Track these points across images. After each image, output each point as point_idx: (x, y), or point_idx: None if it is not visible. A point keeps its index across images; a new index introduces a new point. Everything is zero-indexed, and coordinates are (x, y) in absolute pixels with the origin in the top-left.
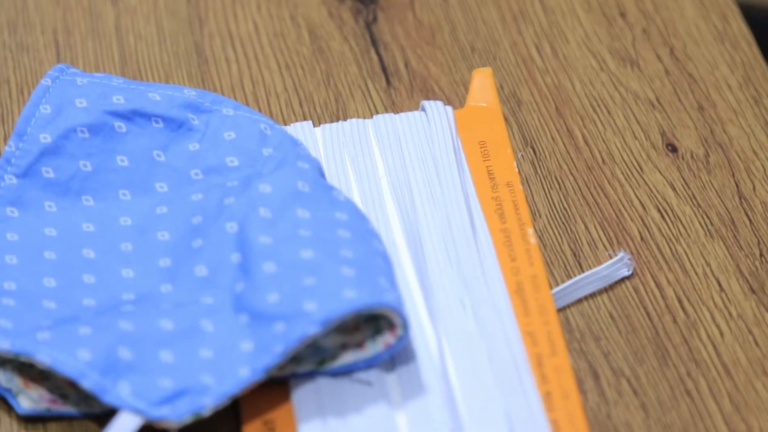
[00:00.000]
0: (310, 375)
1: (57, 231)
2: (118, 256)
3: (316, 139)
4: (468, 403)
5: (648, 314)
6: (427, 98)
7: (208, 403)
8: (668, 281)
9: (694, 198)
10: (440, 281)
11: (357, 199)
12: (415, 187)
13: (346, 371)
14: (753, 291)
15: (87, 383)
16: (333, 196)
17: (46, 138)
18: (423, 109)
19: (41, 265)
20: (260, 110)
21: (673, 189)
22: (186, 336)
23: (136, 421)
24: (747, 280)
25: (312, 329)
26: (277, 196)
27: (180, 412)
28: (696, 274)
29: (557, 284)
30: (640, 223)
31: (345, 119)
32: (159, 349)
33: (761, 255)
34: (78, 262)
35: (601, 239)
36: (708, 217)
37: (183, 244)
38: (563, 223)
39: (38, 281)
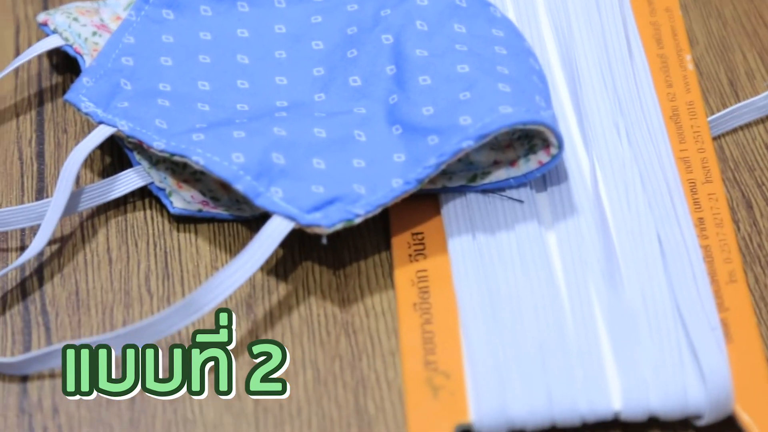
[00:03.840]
0: (461, 190)
1: (212, 35)
2: (272, 63)
3: None
4: (620, 225)
5: None
6: None
7: (360, 211)
8: None
9: None
10: (595, 104)
11: (512, 19)
12: (571, 9)
13: (497, 188)
14: None
15: (240, 186)
16: (490, 13)
17: None
18: None
19: (196, 68)
20: None
21: None
22: (339, 145)
23: (288, 226)
24: None
25: (466, 143)
26: (433, 10)
27: (331, 220)
28: None
29: (712, 113)
30: None
31: None
32: (312, 157)
33: None
34: (232, 67)
35: (759, 69)
36: None
37: (337, 53)
38: (721, 52)
39: (193, 84)
